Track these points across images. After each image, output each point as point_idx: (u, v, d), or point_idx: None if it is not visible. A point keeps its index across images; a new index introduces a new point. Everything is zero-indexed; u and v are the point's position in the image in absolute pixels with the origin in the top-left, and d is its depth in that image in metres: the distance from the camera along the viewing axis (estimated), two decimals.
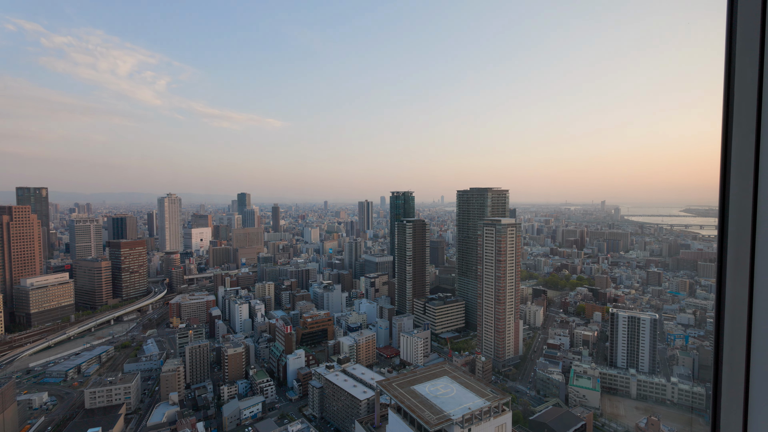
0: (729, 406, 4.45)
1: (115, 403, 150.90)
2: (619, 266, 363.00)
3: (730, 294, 4.38)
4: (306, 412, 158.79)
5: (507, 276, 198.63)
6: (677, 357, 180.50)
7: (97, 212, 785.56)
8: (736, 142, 4.33)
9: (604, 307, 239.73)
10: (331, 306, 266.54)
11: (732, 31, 4.43)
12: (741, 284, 4.27)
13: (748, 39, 4.23)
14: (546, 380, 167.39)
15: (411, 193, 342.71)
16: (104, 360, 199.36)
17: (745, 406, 4.30)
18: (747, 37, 4.25)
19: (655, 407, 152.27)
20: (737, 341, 4.34)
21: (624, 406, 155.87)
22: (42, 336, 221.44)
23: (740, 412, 4.33)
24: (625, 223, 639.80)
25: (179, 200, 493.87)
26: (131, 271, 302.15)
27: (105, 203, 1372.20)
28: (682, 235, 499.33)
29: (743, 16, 4.28)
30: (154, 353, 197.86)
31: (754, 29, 4.19)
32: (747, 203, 4.19)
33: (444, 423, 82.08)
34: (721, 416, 4.53)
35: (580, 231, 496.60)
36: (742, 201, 4.25)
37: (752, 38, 4.21)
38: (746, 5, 4.25)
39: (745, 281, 4.24)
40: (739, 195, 4.27)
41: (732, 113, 4.38)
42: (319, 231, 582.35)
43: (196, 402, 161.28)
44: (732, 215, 4.35)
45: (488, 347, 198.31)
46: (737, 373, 4.34)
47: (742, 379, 4.29)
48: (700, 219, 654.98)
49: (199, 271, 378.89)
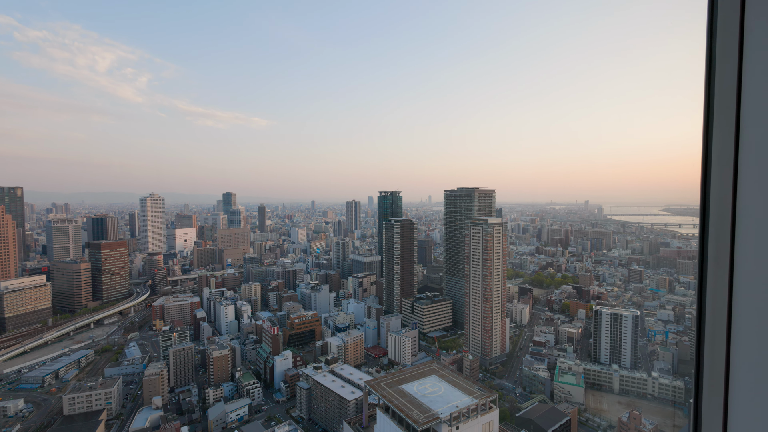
0: (710, 397, 4.51)
1: (95, 409, 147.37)
2: (602, 264, 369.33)
3: (710, 288, 4.45)
4: (294, 413, 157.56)
5: (494, 275, 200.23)
6: (658, 352, 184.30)
7: (75, 212, 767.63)
8: (716, 142, 4.34)
9: (587, 305, 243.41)
10: (318, 306, 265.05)
11: (712, 32, 4.42)
12: (721, 278, 4.33)
13: (728, 40, 4.24)
14: (532, 377, 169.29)
15: (399, 193, 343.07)
16: (84, 365, 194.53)
17: (726, 398, 4.35)
18: (727, 38, 4.25)
19: (636, 401, 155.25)
20: (718, 334, 4.40)
21: (607, 401, 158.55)
22: (17, 341, 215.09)
23: (721, 404, 4.39)
24: (608, 222, 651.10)
25: (162, 200, 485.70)
26: (112, 273, 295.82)
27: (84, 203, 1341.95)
28: (662, 233, 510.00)
29: (723, 19, 4.28)
30: (136, 357, 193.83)
31: (734, 31, 4.19)
32: (727, 201, 4.24)
33: (432, 421, 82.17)
34: (702, 407, 4.59)
35: (565, 230, 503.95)
36: (721, 199, 4.29)
37: (731, 40, 4.21)
38: (726, 8, 4.25)
39: (725, 276, 4.29)
40: (719, 193, 4.31)
41: (712, 114, 4.38)
42: (307, 231, 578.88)
43: (181, 406, 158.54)
44: (712, 213, 4.39)
45: (475, 345, 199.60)
46: (717, 365, 4.40)
47: (722, 372, 4.34)
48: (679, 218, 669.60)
49: (183, 272, 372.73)
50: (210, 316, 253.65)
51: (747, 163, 4.08)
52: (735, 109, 4.23)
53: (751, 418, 4.08)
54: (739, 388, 4.17)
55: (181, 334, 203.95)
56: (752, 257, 4.04)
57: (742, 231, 4.13)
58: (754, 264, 4.02)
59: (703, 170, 4.46)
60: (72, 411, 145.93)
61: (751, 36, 4.07)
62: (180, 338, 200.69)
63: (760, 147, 3.99)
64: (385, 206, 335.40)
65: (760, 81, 4.00)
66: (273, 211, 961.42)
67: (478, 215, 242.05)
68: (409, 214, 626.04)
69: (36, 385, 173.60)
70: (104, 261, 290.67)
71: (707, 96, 4.45)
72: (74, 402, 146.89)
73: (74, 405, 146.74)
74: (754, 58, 4.04)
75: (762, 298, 3.95)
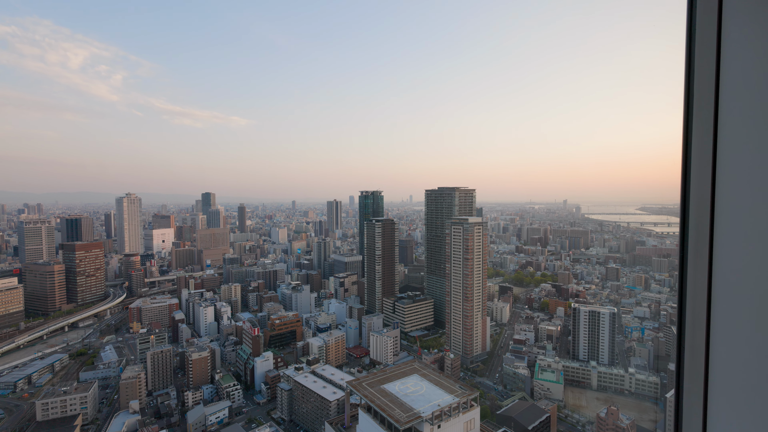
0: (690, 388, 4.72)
1: (70, 414, 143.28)
2: (580, 263, 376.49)
3: (691, 281, 4.65)
4: (274, 415, 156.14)
5: (474, 274, 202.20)
6: (634, 348, 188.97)
7: (49, 213, 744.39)
8: (696, 140, 4.52)
9: (566, 303, 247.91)
10: (299, 307, 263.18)
11: (691, 34, 4.56)
12: (701, 272, 4.53)
13: (707, 41, 4.40)
14: (512, 375, 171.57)
15: (380, 193, 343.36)
16: (58, 369, 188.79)
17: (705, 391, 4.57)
18: (705, 39, 4.42)
19: (614, 397, 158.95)
20: (698, 326, 4.62)
21: (586, 397, 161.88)
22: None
23: (701, 395, 4.61)
24: (586, 221, 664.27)
25: (139, 200, 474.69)
26: (87, 275, 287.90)
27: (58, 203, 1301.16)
28: (638, 232, 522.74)
29: (701, 22, 4.44)
30: (112, 360, 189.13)
31: (712, 33, 4.35)
32: (705, 197, 4.44)
33: (414, 420, 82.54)
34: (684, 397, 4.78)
35: (544, 229, 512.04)
36: (701, 195, 4.49)
37: (710, 41, 4.37)
38: (704, 10, 4.40)
39: (704, 269, 4.50)
40: (698, 190, 4.51)
41: (692, 115, 4.54)
42: (287, 231, 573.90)
43: (159, 409, 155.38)
44: (692, 211, 4.58)
45: (457, 344, 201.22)
46: (698, 356, 4.62)
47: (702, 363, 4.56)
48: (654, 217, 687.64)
49: (161, 273, 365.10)
50: (189, 318, 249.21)
51: (725, 160, 4.27)
52: (713, 108, 4.35)
53: (729, 405, 4.34)
54: (718, 376, 4.41)
55: (159, 337, 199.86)
56: (729, 251, 4.26)
57: (721, 226, 4.32)
58: (730, 258, 4.25)
59: (684, 168, 4.62)
60: (46, 417, 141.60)
61: (728, 37, 4.22)
62: (158, 340, 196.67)
63: (737, 145, 4.17)
64: (367, 206, 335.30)
65: (736, 79, 4.16)
66: (253, 211, 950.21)
67: (458, 215, 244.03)
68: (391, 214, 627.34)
69: (7, 390, 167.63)
70: (79, 262, 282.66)
71: (687, 96, 4.58)
72: (48, 407, 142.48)
73: (48, 410, 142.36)
74: (732, 56, 4.19)
75: (738, 288, 4.18)
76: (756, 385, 4.06)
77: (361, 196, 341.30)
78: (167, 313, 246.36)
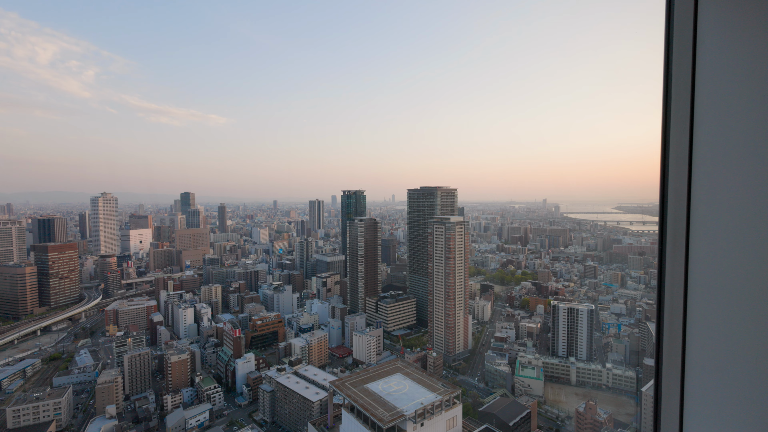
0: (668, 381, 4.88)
1: (43, 421, 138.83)
2: (559, 261, 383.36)
3: (669, 276, 4.81)
4: (256, 417, 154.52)
5: (456, 273, 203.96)
6: (611, 344, 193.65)
7: (19, 213, 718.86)
8: (673, 140, 4.65)
9: (546, 300, 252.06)
10: (281, 307, 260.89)
11: (669, 36, 4.69)
12: (678, 267, 4.70)
13: (683, 43, 4.56)
14: (494, 372, 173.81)
15: (362, 192, 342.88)
16: (30, 374, 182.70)
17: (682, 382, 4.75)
18: (682, 41, 4.57)
19: (592, 392, 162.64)
20: (675, 319, 4.79)
21: (565, 392, 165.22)
22: None
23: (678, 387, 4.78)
24: (565, 220, 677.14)
25: (115, 200, 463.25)
26: (61, 277, 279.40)
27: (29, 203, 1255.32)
28: (615, 230, 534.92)
29: (679, 25, 4.58)
30: (88, 364, 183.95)
31: (688, 36, 4.51)
32: (682, 196, 4.62)
33: (397, 419, 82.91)
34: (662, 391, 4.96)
35: (524, 228, 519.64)
36: (678, 196, 4.66)
37: (686, 43, 4.54)
38: (681, 12, 4.55)
39: (681, 264, 4.67)
40: (676, 189, 4.67)
41: (669, 115, 4.68)
42: (269, 231, 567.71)
43: (137, 414, 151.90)
44: (670, 209, 4.75)
45: (439, 343, 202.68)
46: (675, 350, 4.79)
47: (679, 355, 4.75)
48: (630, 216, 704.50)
49: (139, 275, 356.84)
50: (168, 320, 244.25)
51: (700, 158, 4.45)
52: (689, 108, 4.49)
53: (704, 398, 4.54)
54: (694, 367, 4.61)
55: (137, 340, 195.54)
56: (704, 246, 4.45)
57: (697, 222, 4.50)
58: (705, 252, 4.45)
59: (662, 167, 4.80)
60: (17, 424, 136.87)
61: (704, 40, 4.39)
62: (136, 343, 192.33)
63: (711, 144, 4.34)
64: (349, 205, 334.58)
65: (711, 79, 4.33)
66: (234, 210, 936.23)
67: (440, 214, 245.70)
68: (373, 213, 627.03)
69: None
70: (52, 264, 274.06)
71: (665, 96, 4.74)
72: (19, 414, 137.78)
73: (19, 417, 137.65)
74: (707, 58, 4.37)
75: (712, 282, 4.39)
76: (729, 375, 4.25)
77: (344, 196, 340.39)
78: (145, 315, 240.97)
